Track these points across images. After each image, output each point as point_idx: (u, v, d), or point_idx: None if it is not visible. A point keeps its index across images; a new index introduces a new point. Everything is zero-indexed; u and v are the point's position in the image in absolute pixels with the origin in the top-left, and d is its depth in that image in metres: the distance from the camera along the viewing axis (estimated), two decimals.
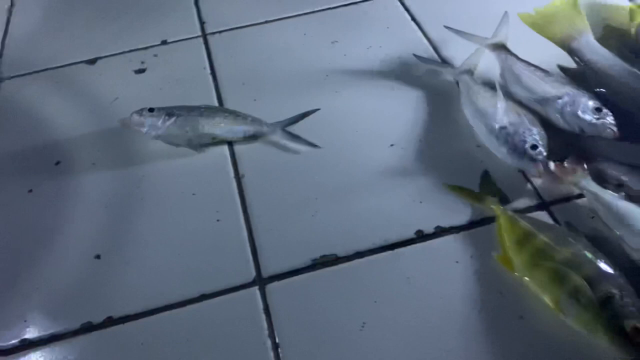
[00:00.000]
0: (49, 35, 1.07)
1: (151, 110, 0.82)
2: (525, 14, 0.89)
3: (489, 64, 0.87)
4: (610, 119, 0.74)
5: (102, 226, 0.75)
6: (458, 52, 0.91)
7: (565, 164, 0.72)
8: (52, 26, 1.09)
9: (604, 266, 0.60)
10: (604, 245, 0.65)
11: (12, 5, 1.14)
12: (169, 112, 0.82)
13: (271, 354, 0.61)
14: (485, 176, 0.74)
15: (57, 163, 0.83)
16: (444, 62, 0.92)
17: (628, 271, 0.61)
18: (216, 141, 0.82)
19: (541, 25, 0.87)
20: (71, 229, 0.74)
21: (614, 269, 0.60)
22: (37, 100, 0.95)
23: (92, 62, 1.01)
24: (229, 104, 0.89)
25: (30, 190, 0.80)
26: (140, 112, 0.82)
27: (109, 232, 0.74)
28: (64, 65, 1.01)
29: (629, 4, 0.96)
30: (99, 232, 0.74)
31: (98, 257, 0.71)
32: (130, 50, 1.02)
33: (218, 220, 0.73)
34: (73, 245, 0.72)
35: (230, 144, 0.83)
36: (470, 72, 0.86)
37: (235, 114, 0.83)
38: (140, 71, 0.97)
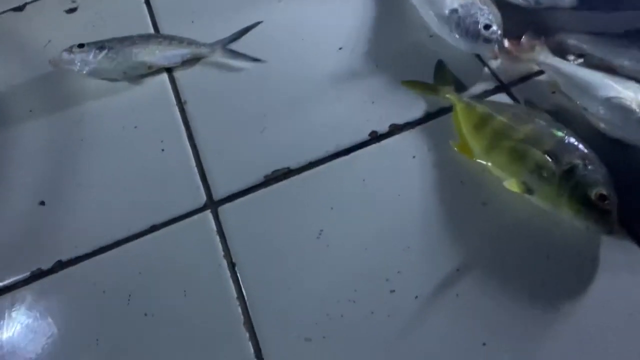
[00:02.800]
0: None
1: (81, 45, 0.77)
2: None
3: None
4: None
5: (44, 172, 0.71)
6: None
7: (522, 41, 0.67)
8: None
9: (565, 138, 0.57)
10: (567, 119, 0.61)
11: None
12: (100, 45, 0.77)
13: (228, 274, 0.58)
14: (439, 66, 0.70)
15: None
16: None
17: (592, 141, 0.57)
18: (153, 70, 0.77)
19: None
20: (13, 179, 0.70)
21: (577, 140, 0.56)
22: None
23: (20, 8, 0.94)
24: (166, 30, 0.83)
25: None
26: (69, 49, 0.77)
27: (51, 177, 0.70)
28: None
29: None
30: (42, 178, 0.70)
31: (42, 203, 0.67)
32: None
33: (163, 150, 0.69)
34: (16, 194, 0.69)
35: (169, 70, 0.77)
36: None
37: (170, 39, 0.78)
38: (72, 10, 0.91)
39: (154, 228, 0.63)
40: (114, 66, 0.76)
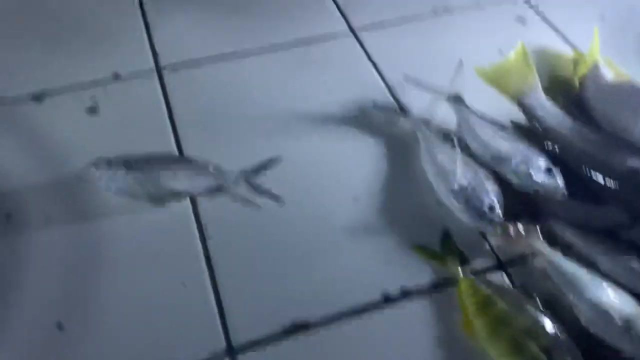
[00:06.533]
0: None
1: (108, 162, 0.79)
2: (481, 69, 0.92)
3: (447, 112, 0.90)
4: (560, 180, 0.78)
5: (62, 290, 0.72)
6: (416, 96, 0.93)
7: (519, 226, 0.76)
8: None
9: (559, 334, 0.65)
10: (558, 308, 0.69)
11: None
12: (127, 164, 0.80)
13: None
14: (446, 236, 0.77)
15: (8, 216, 0.79)
16: (402, 110, 0.93)
17: (579, 334, 0.66)
18: (178, 195, 0.81)
19: (495, 80, 0.91)
20: (29, 294, 0.71)
21: (568, 339, 0.65)
22: None
23: (38, 98, 0.95)
24: (189, 149, 0.87)
25: None
26: (96, 164, 0.79)
27: (70, 297, 0.71)
28: (7, 99, 0.95)
29: (572, 53, 1.02)
30: (59, 297, 0.71)
31: (60, 326, 0.68)
32: (80, 85, 0.97)
33: (184, 284, 0.72)
34: (32, 312, 0.69)
35: (192, 197, 0.81)
36: (427, 122, 0.88)
37: (196, 165, 0.82)
38: (92, 110, 0.93)
39: None
40: (140, 189, 0.79)
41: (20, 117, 0.93)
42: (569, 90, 0.94)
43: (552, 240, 0.75)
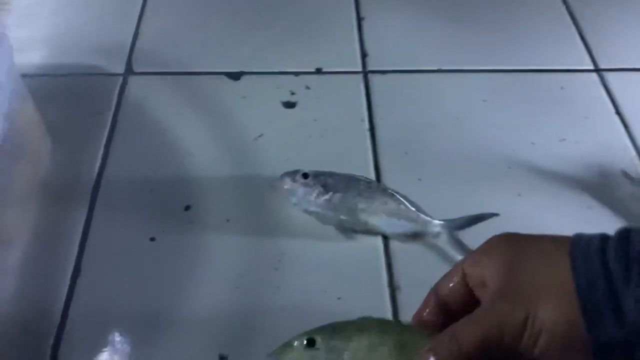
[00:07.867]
0: (186, 34, 0.95)
1: (305, 176, 0.70)
2: None
3: None
4: None
5: (229, 317, 0.62)
6: None
7: None
8: (190, 24, 0.97)
9: None
10: None
11: None
12: (324, 183, 0.70)
13: None
14: None
15: (187, 208, 0.72)
16: None
17: None
18: (371, 230, 0.70)
19: None
20: (195, 304, 0.64)
21: None
22: (170, 109, 0.84)
23: (235, 77, 0.88)
24: (388, 179, 0.75)
25: (153, 239, 0.69)
26: (293, 176, 0.70)
27: (235, 327, 0.62)
28: (208, 73, 0.89)
29: None
30: (225, 325, 0.62)
31: (223, 358, 0.60)
32: (280, 73, 0.89)
33: None
34: (193, 331, 0.62)
35: (385, 236, 0.70)
36: None
37: (397, 202, 0.70)
38: (290, 105, 0.85)
39: None
40: (332, 213, 0.69)
41: (213, 91, 0.86)
42: None
43: None
